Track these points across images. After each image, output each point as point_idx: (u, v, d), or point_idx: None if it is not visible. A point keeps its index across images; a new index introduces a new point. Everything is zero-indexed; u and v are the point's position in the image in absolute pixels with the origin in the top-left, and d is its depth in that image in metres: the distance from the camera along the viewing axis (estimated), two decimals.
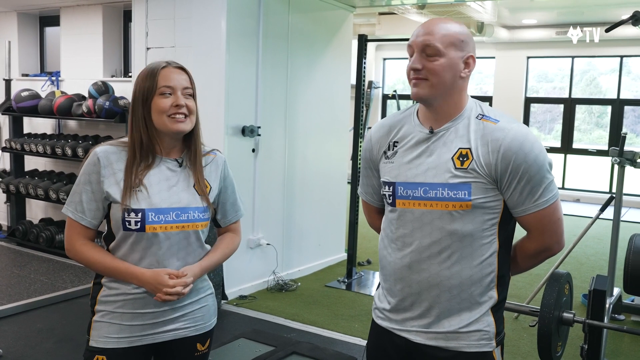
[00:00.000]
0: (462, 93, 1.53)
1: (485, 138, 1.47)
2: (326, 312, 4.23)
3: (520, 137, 1.45)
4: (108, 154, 1.63)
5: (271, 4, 4.59)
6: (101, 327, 1.63)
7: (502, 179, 1.46)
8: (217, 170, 1.77)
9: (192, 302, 1.71)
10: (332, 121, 5.41)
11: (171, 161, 1.67)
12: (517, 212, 1.50)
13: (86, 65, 5.83)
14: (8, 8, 6.28)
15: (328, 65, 5.33)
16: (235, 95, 4.34)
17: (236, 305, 4.30)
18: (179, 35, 4.47)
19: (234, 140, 4.36)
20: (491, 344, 1.53)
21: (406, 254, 1.55)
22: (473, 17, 7.58)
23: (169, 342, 1.69)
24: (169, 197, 1.63)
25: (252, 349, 3.47)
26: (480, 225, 1.49)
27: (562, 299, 2.54)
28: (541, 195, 1.47)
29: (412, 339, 1.56)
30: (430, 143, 1.53)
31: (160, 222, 1.60)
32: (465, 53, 1.49)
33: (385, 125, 1.65)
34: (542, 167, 1.46)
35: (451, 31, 1.48)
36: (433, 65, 1.47)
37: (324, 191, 5.29)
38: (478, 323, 1.52)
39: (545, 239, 1.54)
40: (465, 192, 1.46)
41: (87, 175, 1.62)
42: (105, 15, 5.72)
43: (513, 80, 10.35)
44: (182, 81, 1.63)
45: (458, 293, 1.51)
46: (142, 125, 1.63)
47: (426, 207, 1.50)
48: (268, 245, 4.69)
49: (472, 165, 1.46)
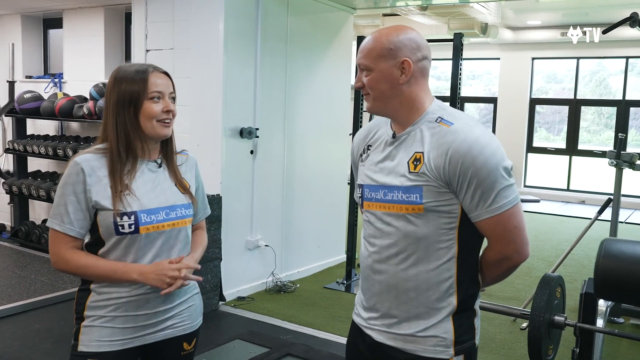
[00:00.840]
0: (415, 97, 1.53)
1: (437, 141, 1.47)
2: (324, 313, 4.22)
3: (470, 140, 1.43)
4: (90, 162, 1.62)
5: (269, 6, 4.59)
6: (92, 332, 1.64)
7: (452, 183, 1.45)
8: (192, 170, 1.82)
9: (181, 302, 1.73)
10: (332, 123, 5.41)
11: (151, 162, 1.70)
12: (472, 217, 1.48)
13: (88, 67, 5.87)
14: (12, 10, 6.34)
15: (328, 67, 5.33)
16: (234, 97, 4.35)
17: (234, 307, 4.31)
18: (177, 37, 4.49)
19: (232, 142, 4.37)
20: (448, 352, 1.51)
21: (370, 253, 1.59)
22: (477, 18, 7.55)
23: (156, 343, 1.71)
24: (157, 197, 1.66)
25: (247, 351, 3.48)
26: (436, 229, 1.48)
27: (553, 302, 2.53)
28: (494, 200, 1.44)
29: (375, 337, 1.59)
30: (393, 147, 1.55)
31: (152, 222, 1.64)
32: (398, 60, 1.49)
33: (365, 129, 1.70)
34: (494, 171, 1.43)
35: (377, 44, 1.51)
36: (367, 80, 1.53)
37: (324, 192, 5.29)
38: (435, 329, 1.51)
39: (503, 247, 1.50)
40: (417, 195, 1.47)
41: (71, 185, 1.60)
42: (107, 17, 5.76)
43: (518, 81, 10.30)
44: (168, 86, 1.68)
45: (415, 296, 1.52)
46: (129, 128, 1.63)
47: (385, 209, 1.53)
48: (267, 247, 4.70)
49: (422, 168, 1.47)
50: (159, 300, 1.67)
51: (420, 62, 1.52)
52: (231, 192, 4.37)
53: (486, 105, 11.30)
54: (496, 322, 4.05)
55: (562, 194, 10.05)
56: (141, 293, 1.65)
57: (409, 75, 1.50)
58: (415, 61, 1.50)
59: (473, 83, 11.80)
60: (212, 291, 4.20)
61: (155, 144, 1.70)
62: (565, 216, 8.59)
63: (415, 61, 1.50)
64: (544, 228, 7.56)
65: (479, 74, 11.75)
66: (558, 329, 2.58)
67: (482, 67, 11.53)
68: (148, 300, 1.66)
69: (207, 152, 4.33)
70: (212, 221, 4.14)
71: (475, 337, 1.58)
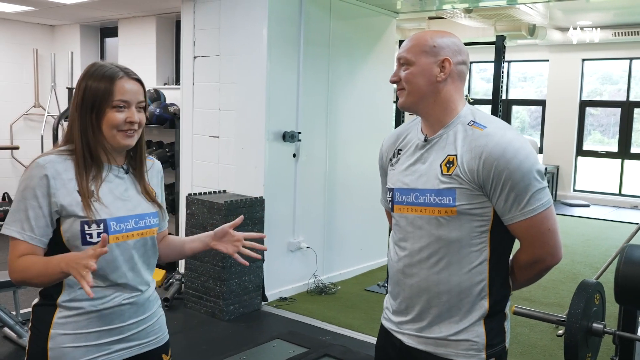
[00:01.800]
0: (450, 98, 1.55)
1: (471, 144, 1.48)
2: (363, 315, 4.27)
3: (503, 143, 1.44)
4: (54, 164, 1.48)
5: (312, 11, 4.68)
6: (65, 354, 1.48)
7: (485, 186, 1.46)
8: (157, 176, 1.74)
9: (152, 314, 1.64)
10: (374, 126, 5.44)
11: (117, 168, 1.59)
12: (505, 220, 1.49)
13: (141, 73, 6.04)
14: (72, 21, 6.67)
15: (370, 70, 5.37)
16: (277, 101, 4.46)
17: (276, 307, 4.41)
18: (223, 43, 4.63)
19: (275, 145, 4.48)
20: (480, 356, 1.52)
21: (400, 257, 1.60)
22: (524, 20, 7.42)
23: (134, 357, 1.60)
24: (124, 205, 1.56)
25: (285, 350, 3.56)
26: (468, 232, 1.49)
27: (591, 308, 2.49)
28: (527, 203, 1.45)
29: (405, 341, 1.60)
30: (424, 150, 1.57)
31: (121, 230, 1.53)
32: (439, 57, 1.53)
33: (394, 134, 1.73)
34: (527, 174, 1.44)
35: (421, 40, 1.55)
36: (406, 74, 1.56)
37: (366, 195, 5.33)
38: (467, 333, 1.52)
39: (536, 249, 1.51)
40: (450, 198, 1.48)
41: (32, 189, 1.45)
42: (159, 25, 5.99)
43: (567, 83, 10.03)
44: (137, 95, 1.55)
45: (447, 300, 1.52)
46: (90, 132, 1.52)
47: (417, 212, 1.54)
48: (308, 249, 4.78)
49: (456, 171, 1.48)
50: (132, 312, 1.57)
51: (459, 66, 1.56)
52: (274, 195, 4.47)
53: (537, 108, 11.07)
54: (538, 328, 4.00)
55: (613, 199, 9.74)
56: (116, 305, 1.53)
57: (447, 74, 1.53)
58: (455, 63, 1.54)
59: (524, 85, 11.58)
60: (254, 291, 4.31)
61: (120, 151, 1.59)
62: (616, 222, 8.32)
63: (455, 63, 1.54)
64: (593, 233, 7.36)
65: (530, 76, 11.51)
66: (596, 336, 2.53)
67: (533, 68, 11.29)
68: (123, 312, 1.55)
69: (251, 155, 4.46)
70: (254, 223, 4.25)
71: (505, 340, 1.58)
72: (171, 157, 5.30)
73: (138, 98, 1.55)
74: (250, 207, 4.23)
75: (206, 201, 4.17)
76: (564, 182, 10.20)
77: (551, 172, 10.05)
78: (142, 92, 1.57)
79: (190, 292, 4.32)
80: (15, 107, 6.88)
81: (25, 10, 6.02)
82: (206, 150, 4.77)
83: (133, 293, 1.57)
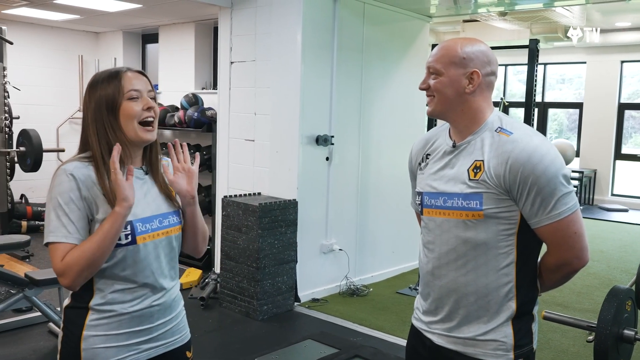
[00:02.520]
0: (478, 107, 1.59)
1: (497, 150, 1.52)
2: (394, 318, 4.31)
3: (529, 149, 1.48)
4: (79, 169, 1.51)
5: (346, 17, 4.75)
6: (97, 355, 1.53)
7: (512, 190, 1.49)
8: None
9: (177, 313, 1.70)
10: (407, 130, 5.47)
11: (137, 170, 1.61)
12: (531, 223, 1.51)
13: (180, 78, 6.29)
14: (115, 28, 6.91)
15: (403, 74, 5.41)
16: (310, 105, 4.54)
17: (308, 308, 4.49)
18: (259, 49, 4.74)
19: (309, 148, 4.56)
20: (508, 356, 1.55)
21: (429, 259, 1.65)
22: (560, 22, 7.33)
23: (160, 356, 1.65)
24: (148, 206, 1.59)
25: (317, 351, 3.62)
26: (495, 235, 1.53)
27: (622, 315, 2.48)
28: (554, 207, 1.48)
29: (435, 340, 1.65)
30: (453, 156, 1.62)
31: (147, 231, 1.56)
32: (468, 70, 1.56)
33: (423, 139, 1.78)
34: (553, 178, 1.47)
35: (451, 50, 1.58)
36: (434, 83, 1.59)
37: (399, 198, 5.35)
38: (495, 333, 1.56)
39: (562, 253, 1.53)
40: (477, 202, 1.52)
41: (67, 194, 1.48)
42: (197, 32, 6.16)
43: (606, 86, 9.82)
44: (146, 84, 1.59)
45: (475, 300, 1.56)
46: (110, 134, 1.54)
47: (445, 215, 1.59)
48: (341, 251, 4.85)
49: (483, 176, 1.52)
50: (160, 313, 1.62)
51: (488, 77, 1.59)
52: (307, 197, 4.56)
53: (575, 111, 10.88)
54: (570, 334, 3.97)
55: None
56: (146, 307, 1.58)
57: (476, 86, 1.56)
58: (484, 74, 1.57)
59: (562, 87, 11.39)
60: (287, 292, 4.40)
61: (138, 149, 1.61)
62: None
63: (484, 74, 1.57)
64: (630, 239, 7.20)
65: (568, 78, 11.31)
66: (628, 343, 2.53)
67: (572, 70, 11.09)
68: (152, 313, 1.60)
69: (285, 158, 4.55)
70: (288, 225, 4.35)
71: (533, 342, 1.61)
72: (208, 160, 5.45)
73: (147, 87, 1.58)
74: (284, 209, 4.32)
75: (241, 203, 4.28)
76: (602, 186, 9.99)
77: (588, 175, 9.85)
78: (149, 83, 1.60)
79: (225, 291, 4.44)
80: (62, 112, 7.17)
81: (72, 18, 6.27)
82: (242, 154, 4.89)
83: (161, 293, 1.61)
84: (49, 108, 7.07)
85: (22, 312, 4.05)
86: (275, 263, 4.29)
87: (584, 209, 9.40)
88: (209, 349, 3.72)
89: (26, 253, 5.54)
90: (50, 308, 3.72)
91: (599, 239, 7.04)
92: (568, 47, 9.44)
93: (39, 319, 3.95)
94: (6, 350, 3.60)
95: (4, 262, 5.26)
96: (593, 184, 9.99)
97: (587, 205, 9.82)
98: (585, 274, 5.43)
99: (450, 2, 5.22)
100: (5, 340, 3.73)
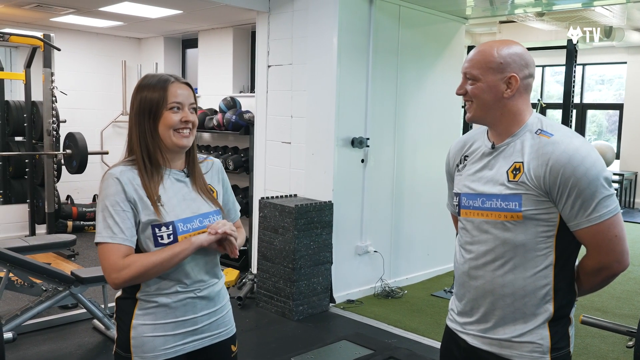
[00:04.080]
0: (517, 110, 1.58)
1: (537, 152, 1.51)
2: (429, 320, 4.32)
3: (570, 151, 1.47)
4: (124, 172, 1.61)
5: (381, 20, 4.78)
6: (145, 343, 1.62)
7: (552, 192, 1.49)
8: (218, 175, 1.83)
9: (222, 306, 1.77)
10: (442, 132, 5.47)
11: (178, 172, 1.70)
12: (571, 226, 1.51)
13: (218, 82, 6.43)
14: (156, 34, 7.10)
15: (439, 76, 5.40)
16: (346, 108, 4.59)
17: (343, 309, 4.53)
18: (295, 53, 4.81)
19: (344, 151, 4.61)
20: (544, 358, 1.54)
21: (466, 260, 1.65)
22: (599, 22, 7.17)
23: (205, 348, 1.72)
24: (189, 206, 1.67)
25: (352, 351, 3.66)
26: (533, 237, 1.52)
27: None
28: (594, 210, 1.47)
29: (470, 341, 1.65)
30: (492, 157, 1.62)
31: (188, 230, 1.64)
32: (506, 74, 1.55)
33: (461, 141, 1.79)
34: (594, 181, 1.45)
35: (487, 56, 1.57)
36: (472, 89, 1.59)
37: (434, 201, 5.35)
38: (531, 335, 1.55)
39: (602, 256, 1.52)
40: (516, 203, 1.52)
41: (112, 196, 1.58)
42: (236, 36, 6.28)
43: None
44: (189, 97, 1.67)
45: (512, 302, 1.56)
46: (149, 138, 1.63)
47: (483, 216, 1.59)
48: (375, 253, 4.87)
49: (522, 178, 1.52)
50: (204, 304, 1.69)
51: (526, 79, 1.58)
52: (342, 199, 4.60)
53: (615, 112, 10.60)
54: (609, 340, 3.91)
55: None
56: (189, 297, 1.66)
57: (514, 90, 1.56)
58: (521, 78, 1.56)
59: (602, 88, 11.13)
60: (322, 293, 4.45)
61: (176, 154, 1.69)
62: None
63: (521, 78, 1.56)
64: None
65: (608, 79, 11.04)
66: None
67: (612, 71, 10.82)
68: (195, 304, 1.67)
69: (320, 160, 4.61)
70: (323, 226, 4.40)
71: (570, 345, 1.60)
72: (246, 162, 5.55)
73: (190, 100, 1.67)
74: (320, 211, 4.38)
75: (278, 205, 4.36)
76: None
77: (629, 178, 9.60)
78: (192, 95, 1.69)
79: (262, 292, 4.53)
80: (105, 115, 7.39)
81: (116, 25, 6.48)
82: (278, 156, 4.96)
83: (201, 285, 1.68)
84: (94, 112, 7.30)
85: (68, 309, 4.22)
86: (310, 264, 4.34)
87: (624, 212, 9.17)
88: (246, 348, 3.80)
89: (72, 252, 5.74)
90: (94, 305, 3.85)
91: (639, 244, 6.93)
92: (608, 47, 9.21)
93: (84, 316, 4.11)
94: (53, 345, 3.75)
95: (51, 260, 5.47)
96: (634, 187, 9.73)
97: (627, 209, 9.61)
98: (625, 279, 5.33)
99: (487, 3, 5.19)
100: (52, 336, 3.89)
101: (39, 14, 5.85)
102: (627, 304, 4.71)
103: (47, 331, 3.95)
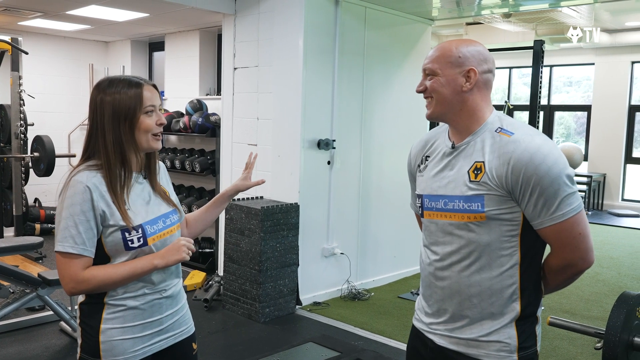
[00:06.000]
0: (477, 107, 1.58)
1: (498, 151, 1.50)
2: (395, 322, 4.32)
3: (531, 149, 1.45)
4: (90, 178, 1.59)
5: (347, 22, 4.79)
6: (115, 347, 1.62)
7: (514, 192, 1.47)
8: (165, 176, 1.87)
9: (182, 305, 1.79)
10: (409, 133, 5.48)
11: (138, 174, 1.71)
12: (534, 225, 1.49)
13: (185, 84, 6.37)
14: (123, 37, 7.03)
15: (405, 78, 5.43)
16: (312, 110, 4.58)
17: (309, 311, 4.51)
18: (261, 55, 4.79)
19: (310, 152, 4.59)
20: (512, 357, 1.54)
21: (432, 261, 1.64)
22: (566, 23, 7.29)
23: (170, 347, 1.74)
24: (152, 208, 1.69)
25: (318, 353, 3.64)
26: (498, 237, 1.51)
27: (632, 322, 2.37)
28: (557, 208, 1.45)
29: (437, 341, 1.63)
30: (452, 157, 1.60)
31: (155, 232, 1.66)
32: (465, 68, 1.55)
33: (422, 140, 1.77)
34: (557, 179, 1.44)
35: (446, 50, 1.58)
36: (431, 84, 1.59)
37: (401, 203, 5.34)
38: (498, 334, 1.54)
39: (567, 254, 1.51)
40: (479, 204, 1.51)
41: (79, 205, 1.56)
42: (202, 39, 6.23)
43: (615, 88, 9.67)
44: (158, 99, 1.70)
45: (479, 302, 1.55)
46: (124, 143, 1.63)
47: (447, 218, 1.58)
48: (342, 255, 4.86)
49: (484, 178, 1.50)
50: (168, 304, 1.71)
51: (485, 74, 1.58)
52: (308, 201, 4.59)
53: (583, 114, 10.78)
54: (578, 342, 3.92)
55: None
56: (155, 298, 1.68)
57: (472, 83, 1.55)
58: (480, 72, 1.56)
59: (570, 90, 11.31)
60: (289, 295, 4.43)
61: (142, 156, 1.72)
62: None
63: (480, 72, 1.56)
64: None
65: (576, 80, 11.22)
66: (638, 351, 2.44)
67: (579, 72, 11.00)
68: (161, 304, 1.69)
69: (287, 162, 4.59)
70: (290, 228, 4.38)
71: (537, 344, 1.59)
72: (212, 165, 5.50)
73: (159, 101, 1.70)
74: (286, 212, 4.35)
75: (244, 207, 4.33)
76: (612, 191, 9.83)
77: (597, 180, 9.71)
78: (159, 96, 1.72)
79: (229, 294, 4.49)
80: (73, 118, 7.30)
81: (83, 28, 6.40)
82: (245, 158, 4.87)
83: (167, 285, 1.71)
84: (61, 115, 7.21)
85: (35, 311, 4.19)
86: (277, 266, 4.32)
87: (593, 214, 9.30)
88: (213, 351, 3.76)
89: (39, 254, 5.69)
90: (61, 307, 3.82)
91: (608, 245, 6.93)
92: (575, 49, 9.36)
93: (51, 318, 4.09)
94: (20, 347, 3.70)
95: (18, 262, 5.39)
96: (602, 189, 9.85)
97: (596, 211, 9.70)
98: (594, 281, 5.33)
99: (453, 5, 5.23)
100: (19, 338, 3.84)
101: (7, 17, 5.78)
102: (595, 305, 4.72)
103: (14, 333, 3.92)
